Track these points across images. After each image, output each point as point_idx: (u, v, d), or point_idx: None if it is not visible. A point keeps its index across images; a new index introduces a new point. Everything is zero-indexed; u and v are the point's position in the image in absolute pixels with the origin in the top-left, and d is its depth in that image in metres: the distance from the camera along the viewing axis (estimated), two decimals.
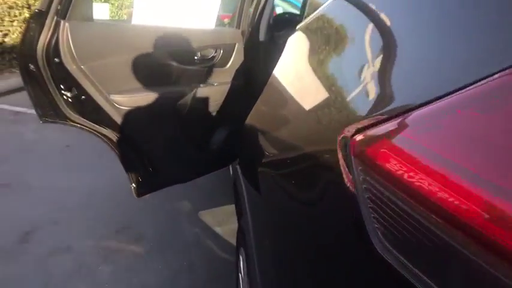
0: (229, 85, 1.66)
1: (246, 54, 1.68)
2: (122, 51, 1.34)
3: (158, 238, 2.01)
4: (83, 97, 1.31)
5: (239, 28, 1.70)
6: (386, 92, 0.51)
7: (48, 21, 1.16)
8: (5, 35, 4.98)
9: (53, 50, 1.19)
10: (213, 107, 1.66)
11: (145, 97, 1.44)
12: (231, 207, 2.31)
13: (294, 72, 0.92)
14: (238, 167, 1.25)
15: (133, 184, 1.62)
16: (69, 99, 1.30)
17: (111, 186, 2.41)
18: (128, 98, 1.41)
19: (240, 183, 1.14)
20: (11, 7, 5.04)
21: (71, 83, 1.27)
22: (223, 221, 2.18)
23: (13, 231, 1.96)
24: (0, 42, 4.93)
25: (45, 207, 2.18)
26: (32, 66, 1.20)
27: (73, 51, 1.21)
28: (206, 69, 1.59)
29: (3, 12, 4.96)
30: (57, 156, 2.86)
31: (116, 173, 1.80)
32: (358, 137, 0.47)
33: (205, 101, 1.61)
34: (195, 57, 1.56)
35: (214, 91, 1.63)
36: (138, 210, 2.18)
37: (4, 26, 4.97)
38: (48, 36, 1.17)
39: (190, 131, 1.67)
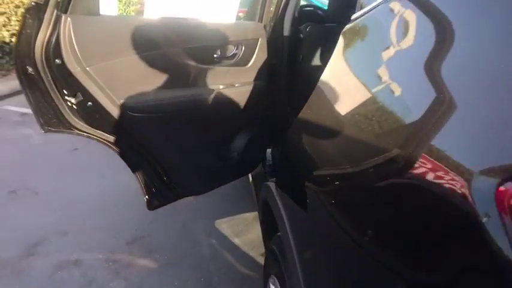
0: (251, 86, 1.50)
1: (269, 50, 1.52)
2: (132, 50, 1.19)
3: (172, 250, 1.91)
4: (89, 103, 1.18)
5: (261, 22, 1.53)
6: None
7: (47, 16, 1.01)
8: (12, 34, 4.91)
9: (54, 49, 1.05)
10: (234, 110, 1.51)
11: (159, 101, 1.30)
12: (249, 215, 2.20)
13: (354, 75, 0.76)
14: (271, 184, 1.08)
15: (146, 196, 1.48)
16: (74, 106, 1.16)
17: (122, 193, 2.32)
18: (140, 102, 1.27)
19: (276, 202, 0.97)
20: (17, 6, 4.98)
21: (75, 87, 1.14)
22: (241, 231, 2.06)
23: (19, 243, 1.89)
24: (7, 42, 4.87)
25: (52, 216, 2.12)
26: (30, 69, 1.06)
27: (77, 50, 1.08)
28: (226, 68, 1.43)
29: (10, 11, 4.89)
30: (66, 160, 2.79)
31: (127, 179, 1.73)
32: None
33: (225, 104, 1.46)
34: (215, 55, 1.40)
35: (235, 93, 1.48)
36: (150, 220, 2.09)
37: (11, 25, 4.91)
38: (48, 33, 1.03)
39: (208, 137, 1.53)
